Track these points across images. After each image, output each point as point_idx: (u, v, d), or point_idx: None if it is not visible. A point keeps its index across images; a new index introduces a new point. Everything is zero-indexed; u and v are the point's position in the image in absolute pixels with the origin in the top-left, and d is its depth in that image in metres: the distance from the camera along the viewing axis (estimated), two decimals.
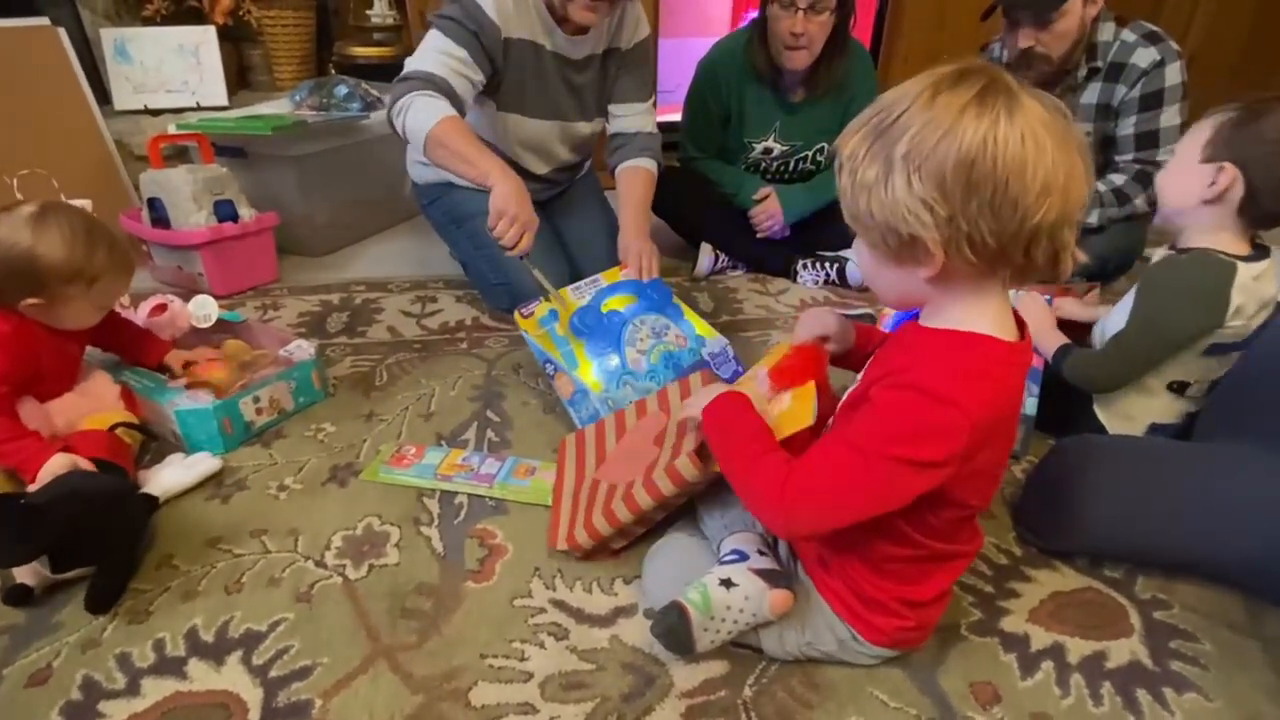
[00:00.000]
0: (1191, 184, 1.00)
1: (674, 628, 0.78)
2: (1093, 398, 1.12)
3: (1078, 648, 0.86)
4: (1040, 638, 0.87)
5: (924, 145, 0.59)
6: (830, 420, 0.81)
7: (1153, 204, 1.59)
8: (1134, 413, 1.09)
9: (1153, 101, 1.60)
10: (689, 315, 1.36)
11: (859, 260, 0.72)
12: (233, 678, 0.81)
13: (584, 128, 1.67)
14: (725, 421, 0.80)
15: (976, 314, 0.66)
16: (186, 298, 1.39)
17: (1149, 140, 1.63)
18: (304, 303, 1.78)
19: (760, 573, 0.80)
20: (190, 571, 0.96)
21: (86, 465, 0.99)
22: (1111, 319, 1.11)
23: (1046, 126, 0.58)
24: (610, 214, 1.77)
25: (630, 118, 1.66)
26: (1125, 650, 0.86)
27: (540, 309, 1.34)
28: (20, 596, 0.90)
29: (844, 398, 0.78)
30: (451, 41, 1.40)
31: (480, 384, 1.42)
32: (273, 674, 0.82)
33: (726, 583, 0.80)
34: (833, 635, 0.80)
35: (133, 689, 0.80)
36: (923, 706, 0.79)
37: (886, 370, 0.70)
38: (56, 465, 0.97)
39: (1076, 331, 1.20)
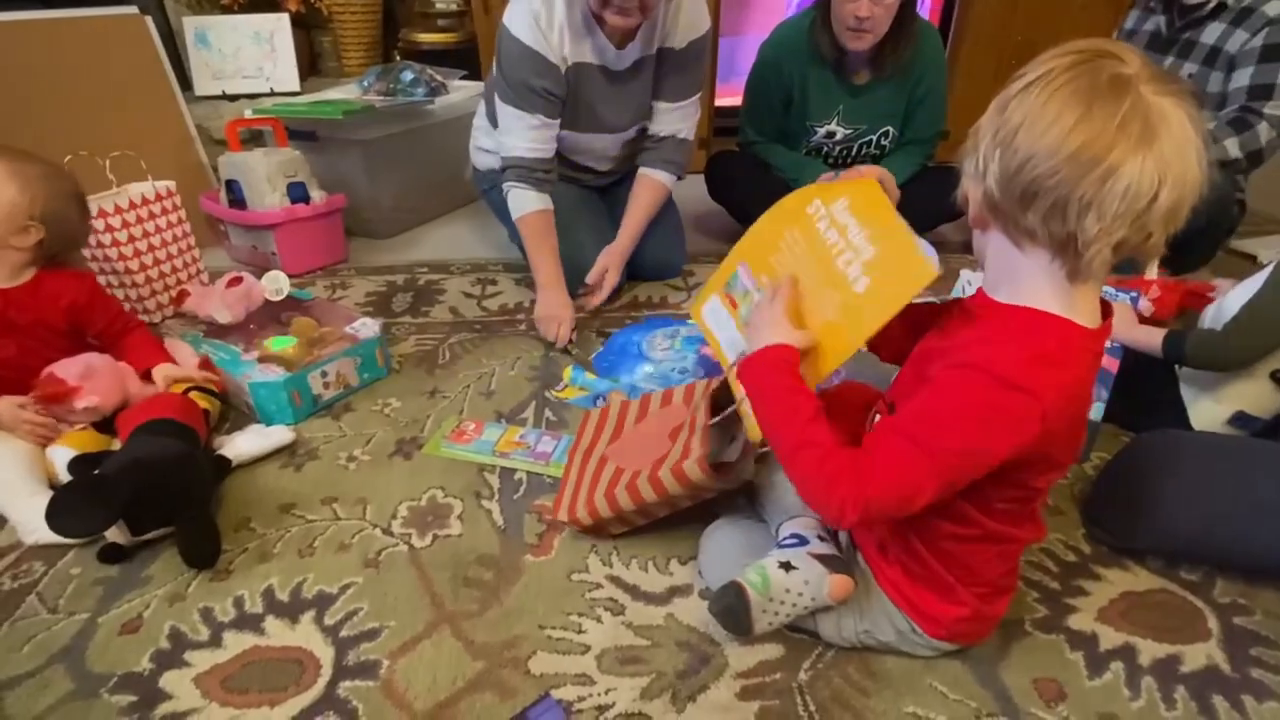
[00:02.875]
0: None
1: (732, 607, 0.78)
2: (1180, 378, 1.07)
3: (1150, 650, 0.83)
4: (1110, 637, 0.84)
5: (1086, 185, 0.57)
6: (885, 402, 0.79)
7: (1250, 154, 1.49)
8: (1224, 397, 1.04)
9: (1274, 54, 1.48)
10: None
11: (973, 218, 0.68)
12: (306, 635, 0.86)
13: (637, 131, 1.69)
14: (764, 388, 0.75)
15: (1044, 290, 0.63)
16: (258, 276, 1.46)
17: (1262, 92, 1.50)
18: (370, 283, 1.83)
19: (820, 558, 0.80)
20: (266, 534, 1.01)
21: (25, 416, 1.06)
22: (1230, 300, 1.06)
23: (1183, 143, 0.56)
24: (671, 206, 1.80)
25: (667, 116, 1.64)
26: (1201, 655, 0.82)
27: (565, 374, 1.38)
28: (113, 554, 0.96)
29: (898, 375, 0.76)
30: (525, 113, 1.49)
31: (538, 365, 1.44)
32: (343, 634, 0.86)
33: (786, 565, 0.80)
34: (891, 625, 0.79)
35: (215, 641, 0.85)
36: (983, 700, 0.77)
37: (951, 344, 0.67)
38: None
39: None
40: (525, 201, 1.55)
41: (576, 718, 0.75)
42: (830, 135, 1.89)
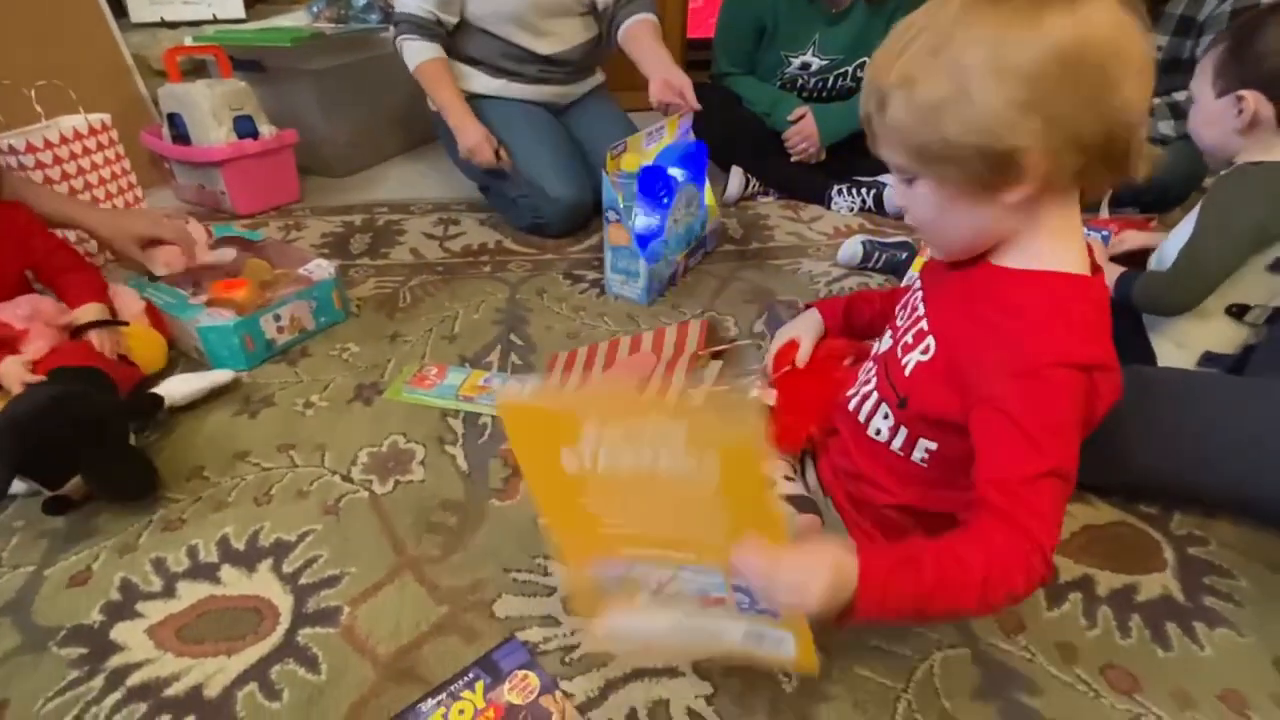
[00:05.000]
0: (1221, 122, 0.98)
1: None
2: (1145, 325, 1.07)
3: (1107, 581, 0.85)
4: (1069, 569, 0.86)
5: (1004, 45, 0.53)
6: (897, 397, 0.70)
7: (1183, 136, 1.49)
8: (1189, 340, 1.04)
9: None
10: (708, 190, 1.54)
11: (913, 208, 0.64)
12: (264, 584, 0.83)
13: None
14: (903, 594, 0.54)
15: (1063, 247, 0.60)
16: (206, 218, 1.38)
17: None
18: (326, 223, 1.76)
19: (788, 498, 0.79)
20: (220, 483, 0.97)
21: (29, 378, 0.97)
22: (1170, 243, 1.05)
23: (1119, 5, 0.53)
24: (626, 122, 1.78)
25: None
26: (1157, 585, 0.84)
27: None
28: (59, 506, 0.92)
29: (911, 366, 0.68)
30: None
31: (503, 307, 1.40)
32: (302, 581, 0.84)
33: None
34: None
35: (169, 591, 0.83)
36: (944, 632, 0.78)
37: (999, 341, 0.59)
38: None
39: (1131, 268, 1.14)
40: (418, 52, 1.58)
41: (542, 659, 0.75)
42: (805, 67, 1.83)
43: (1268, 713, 0.70)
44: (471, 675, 0.72)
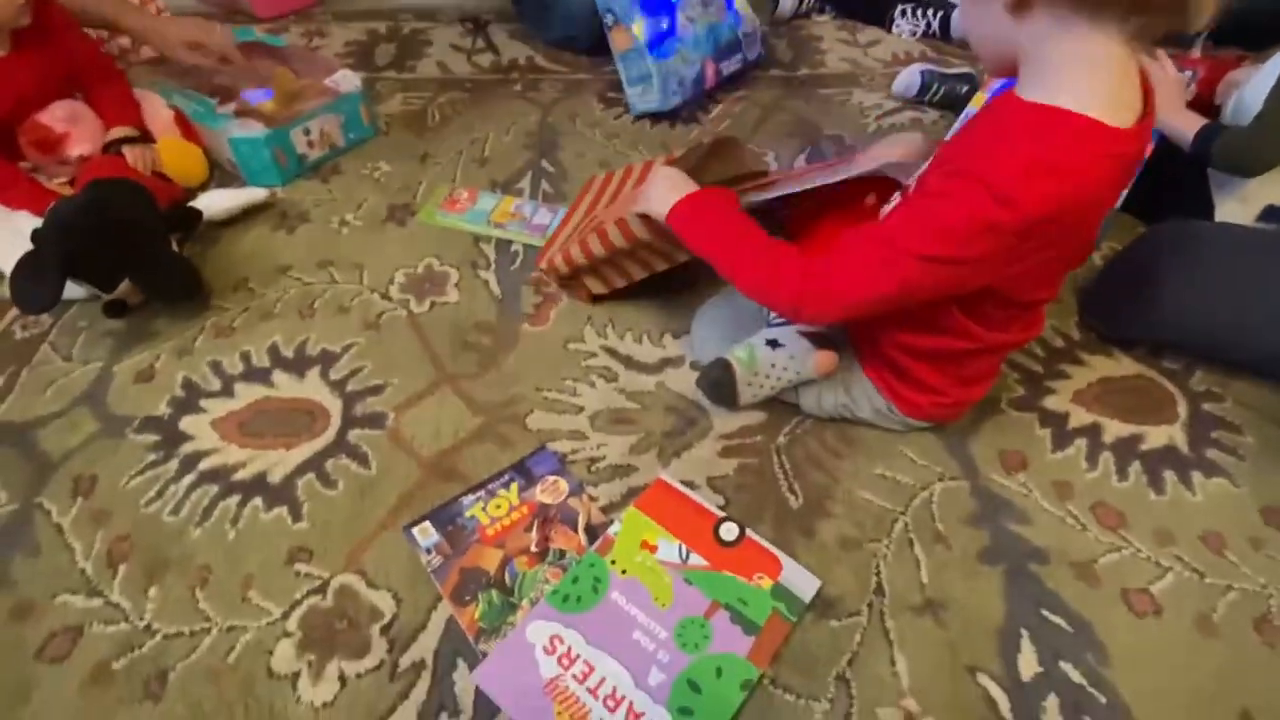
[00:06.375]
0: None
1: (719, 381, 0.81)
2: (1208, 176, 1.01)
3: (1115, 429, 0.87)
4: (1080, 417, 0.88)
5: None
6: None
7: None
8: (1251, 194, 0.98)
9: None
10: None
11: (961, 7, 0.61)
12: (314, 388, 0.90)
13: None
14: (707, 219, 0.76)
15: (1081, 83, 0.55)
16: (224, 20, 1.31)
17: None
18: (349, 30, 1.66)
19: (807, 334, 0.81)
20: (265, 295, 1.02)
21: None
22: (1253, 88, 0.95)
23: None
24: None
25: None
26: (1164, 435, 0.87)
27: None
28: (117, 309, 0.97)
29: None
30: None
31: (534, 131, 1.35)
32: (350, 388, 0.90)
33: (773, 343, 0.81)
34: (869, 404, 0.82)
35: (227, 391, 0.89)
36: (948, 466, 0.83)
37: (952, 152, 0.63)
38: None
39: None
40: None
41: (570, 467, 0.81)
42: None
43: (1243, 553, 0.75)
44: (507, 477, 0.79)
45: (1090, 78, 0.55)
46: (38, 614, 0.69)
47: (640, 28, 1.30)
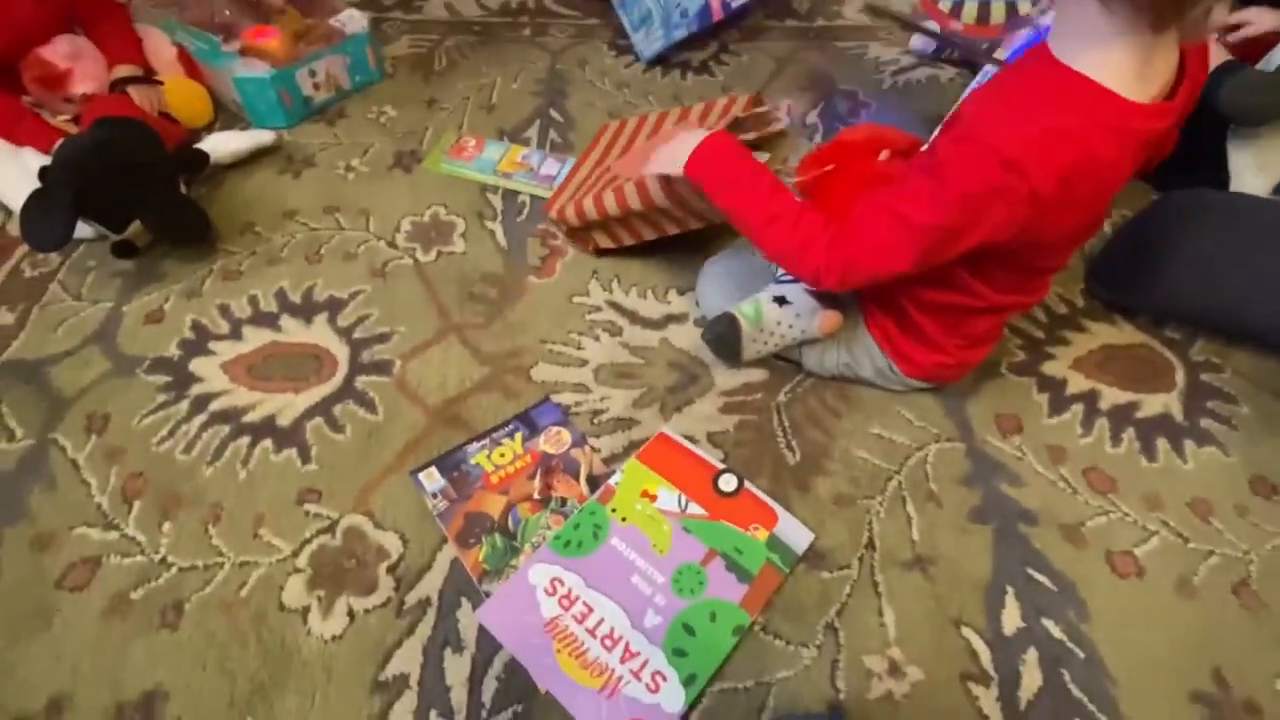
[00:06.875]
0: None
1: (724, 335, 0.82)
2: (1229, 143, 0.99)
3: (1112, 396, 0.88)
4: (1078, 383, 0.89)
5: None
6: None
7: None
8: (1270, 162, 0.97)
9: None
10: None
11: None
12: (321, 334, 0.91)
13: None
14: (724, 170, 0.74)
15: (1099, 54, 0.54)
16: None
17: None
18: None
19: (814, 293, 0.81)
20: (272, 239, 1.02)
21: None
22: None
23: None
24: None
25: None
26: (1160, 404, 0.88)
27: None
28: (126, 250, 0.97)
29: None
30: None
31: (543, 78, 1.33)
32: (356, 335, 0.91)
33: (780, 300, 0.81)
34: (871, 364, 0.83)
35: (235, 334, 0.90)
36: (944, 428, 0.84)
37: (965, 114, 0.61)
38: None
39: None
40: None
41: (574, 419, 0.83)
42: None
43: (1229, 520, 0.77)
44: (511, 427, 0.81)
45: (1110, 50, 0.54)
46: (57, 545, 0.71)
47: None
